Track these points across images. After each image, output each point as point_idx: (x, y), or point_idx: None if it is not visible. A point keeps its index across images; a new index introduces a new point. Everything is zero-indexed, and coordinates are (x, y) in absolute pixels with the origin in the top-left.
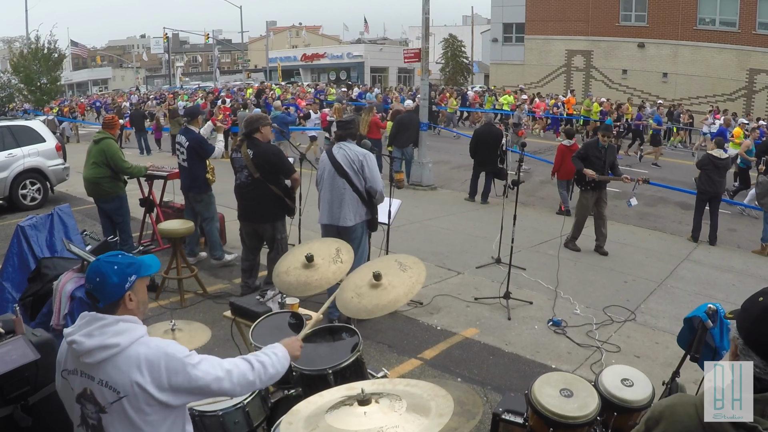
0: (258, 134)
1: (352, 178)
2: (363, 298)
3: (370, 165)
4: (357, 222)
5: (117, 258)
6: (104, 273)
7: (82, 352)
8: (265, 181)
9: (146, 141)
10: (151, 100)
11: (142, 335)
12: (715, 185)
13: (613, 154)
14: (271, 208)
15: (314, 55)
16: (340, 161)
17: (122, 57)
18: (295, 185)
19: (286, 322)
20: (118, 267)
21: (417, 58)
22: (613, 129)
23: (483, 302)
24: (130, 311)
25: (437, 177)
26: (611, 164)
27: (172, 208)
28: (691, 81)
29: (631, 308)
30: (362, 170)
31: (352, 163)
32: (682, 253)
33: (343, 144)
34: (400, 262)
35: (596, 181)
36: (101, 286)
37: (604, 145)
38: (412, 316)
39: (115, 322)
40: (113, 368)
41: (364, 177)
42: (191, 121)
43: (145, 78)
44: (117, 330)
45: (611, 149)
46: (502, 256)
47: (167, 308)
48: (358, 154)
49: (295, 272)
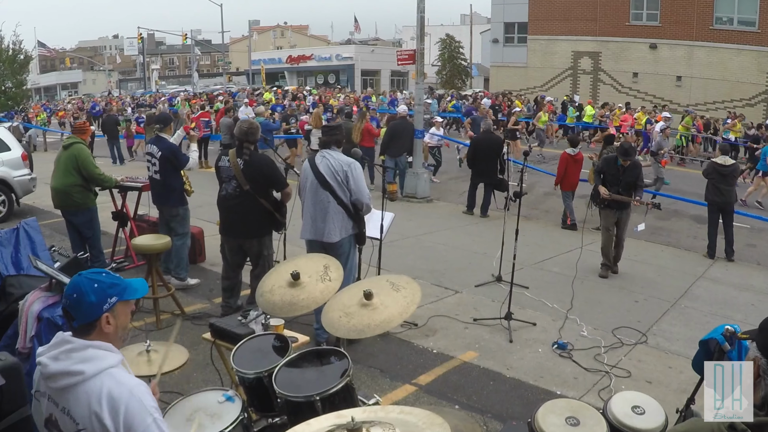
0: (248, 144)
1: (335, 189)
2: (352, 318)
3: (355, 175)
4: (343, 237)
5: (100, 276)
6: (83, 290)
7: (46, 375)
8: (254, 194)
9: (119, 149)
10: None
11: (113, 365)
12: (722, 195)
13: (634, 173)
14: (259, 223)
15: (300, 57)
16: (322, 172)
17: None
18: (285, 199)
19: (270, 345)
20: (98, 285)
21: (411, 60)
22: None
23: (482, 323)
24: (105, 336)
25: (433, 188)
26: (628, 184)
27: (147, 221)
28: (707, 85)
29: (642, 330)
30: (346, 181)
31: (336, 174)
32: (697, 270)
33: (326, 152)
34: (392, 282)
35: (612, 200)
36: (77, 304)
37: (625, 165)
38: (406, 338)
39: (84, 347)
40: (74, 397)
41: (348, 189)
42: (163, 128)
43: (118, 81)
44: (84, 356)
45: (633, 168)
46: (503, 274)
47: (142, 330)
48: (342, 163)
49: (280, 291)
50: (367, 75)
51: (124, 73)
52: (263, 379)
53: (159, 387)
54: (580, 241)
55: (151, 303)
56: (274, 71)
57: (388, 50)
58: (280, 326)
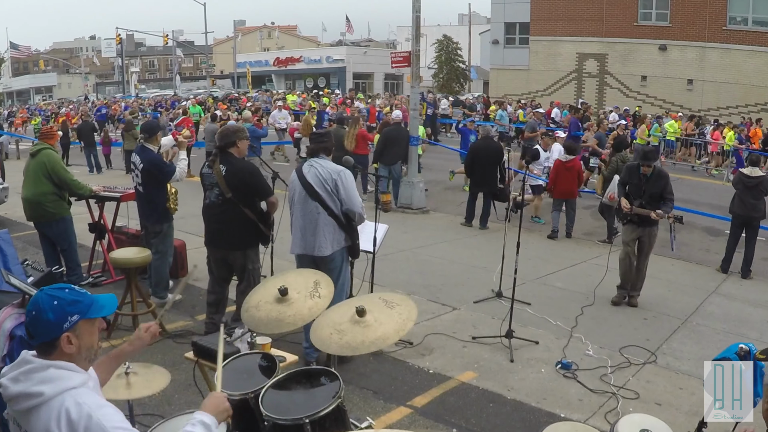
0: (234, 149)
1: (325, 200)
2: (345, 335)
3: (345, 184)
4: (335, 250)
5: (62, 292)
6: (41, 307)
7: (7, 398)
8: (237, 203)
9: (96, 157)
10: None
11: (75, 386)
12: (747, 208)
13: (659, 183)
14: (243, 234)
15: (289, 59)
16: (310, 181)
17: (69, 61)
18: (271, 209)
19: (257, 365)
20: (58, 303)
21: (406, 62)
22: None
23: (482, 342)
24: (68, 356)
25: (429, 198)
26: (653, 196)
27: (126, 234)
28: (719, 89)
29: (651, 349)
30: (336, 190)
31: (325, 183)
32: (709, 285)
33: (314, 161)
34: (385, 299)
35: (633, 213)
36: (35, 321)
37: (646, 173)
38: (400, 357)
39: (44, 367)
40: (35, 420)
41: (339, 198)
42: (149, 138)
43: (95, 85)
44: (44, 377)
45: (657, 178)
46: (504, 290)
47: None
48: (331, 171)
49: (267, 307)
50: (360, 78)
51: (101, 77)
52: (249, 401)
53: (139, 410)
54: (585, 255)
55: (130, 320)
56: (260, 74)
57: (381, 52)
58: (267, 345)
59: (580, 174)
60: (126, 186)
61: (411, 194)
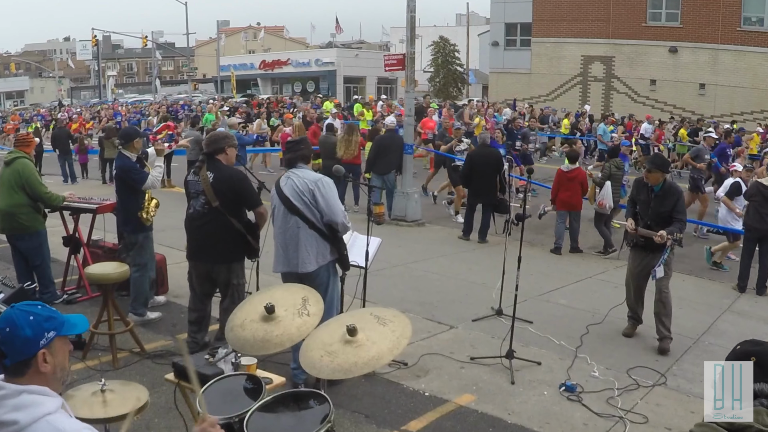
0: (222, 155)
1: (304, 212)
2: (336, 357)
3: (324, 192)
4: (320, 265)
5: (35, 308)
6: (16, 323)
7: None
8: (224, 212)
9: (71, 166)
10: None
11: (51, 411)
12: (763, 221)
13: (667, 201)
14: (229, 246)
15: (275, 62)
16: (287, 195)
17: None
18: (260, 221)
19: (242, 387)
20: (34, 318)
21: (400, 65)
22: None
23: (481, 363)
24: (42, 376)
25: (425, 210)
26: (661, 215)
27: (103, 248)
28: (733, 93)
29: (661, 370)
30: (315, 201)
31: (302, 195)
32: (723, 302)
33: (291, 172)
34: (377, 316)
35: (639, 235)
36: (10, 339)
37: (655, 185)
38: (394, 379)
39: (17, 393)
40: None
41: (318, 209)
42: (125, 145)
43: (69, 90)
44: (17, 403)
45: (667, 194)
46: (504, 307)
47: (96, 370)
48: (308, 181)
49: (253, 326)
50: (351, 82)
51: (76, 80)
52: (233, 425)
53: None
54: (590, 270)
55: (106, 340)
56: (245, 78)
57: (374, 54)
58: (253, 366)
59: (584, 184)
60: (103, 197)
61: (405, 206)
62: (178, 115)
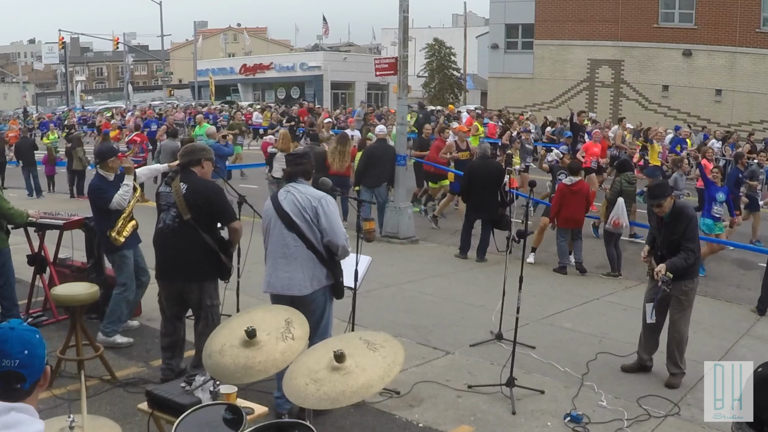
0: (197, 168)
1: (304, 231)
2: (323, 385)
3: (327, 212)
4: (315, 289)
5: (24, 324)
6: (33, 343)
7: None
8: (196, 227)
9: (36, 179)
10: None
11: (41, 431)
12: None
13: (678, 228)
14: (201, 264)
15: (257, 66)
16: (287, 210)
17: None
18: (234, 237)
19: (221, 418)
20: (39, 336)
21: (392, 70)
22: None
23: (479, 391)
24: (36, 396)
25: (419, 226)
26: (671, 243)
27: (71, 267)
28: (752, 100)
29: (674, 399)
30: (317, 219)
31: (303, 211)
32: (740, 326)
33: (291, 186)
34: (366, 340)
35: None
36: (31, 361)
37: (662, 214)
38: (385, 409)
39: (6, 410)
40: None
41: (319, 228)
42: (100, 163)
43: (35, 96)
44: (8, 422)
45: (675, 221)
46: (505, 331)
47: (64, 399)
48: (311, 198)
49: (233, 352)
50: (339, 88)
51: (42, 86)
52: None
53: None
54: (597, 291)
55: (74, 366)
56: (225, 84)
57: (363, 58)
58: (233, 395)
59: (588, 198)
60: (70, 212)
61: (398, 221)
62: (151, 127)
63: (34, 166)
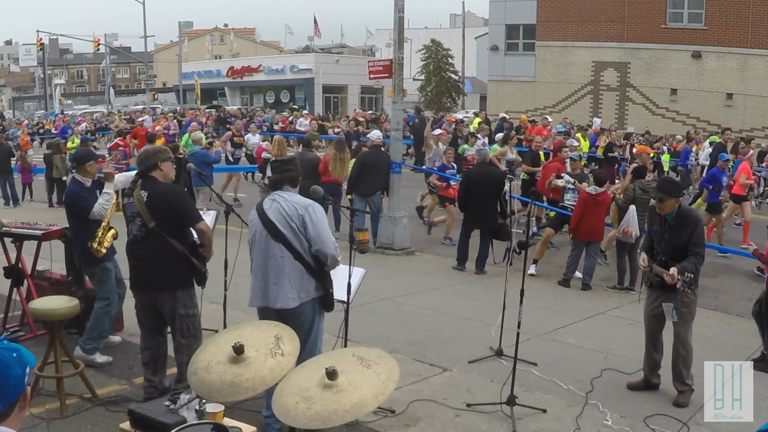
0: (156, 172)
1: (290, 240)
2: (314, 403)
3: (314, 220)
4: (303, 301)
5: (8, 344)
6: (6, 363)
7: None
8: (162, 234)
9: (12, 187)
10: None
11: None
12: None
13: (684, 231)
14: (170, 271)
15: (245, 69)
16: (272, 219)
17: None
18: (203, 239)
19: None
20: (17, 355)
21: (387, 72)
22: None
23: (478, 410)
24: (19, 418)
25: (415, 237)
26: (675, 248)
27: (50, 279)
28: (765, 104)
29: (682, 419)
30: (304, 228)
31: (289, 220)
32: (752, 342)
33: (278, 194)
34: (360, 356)
35: (652, 273)
36: (4, 381)
37: (667, 215)
38: (379, 428)
39: None
40: None
41: (307, 237)
42: (77, 168)
43: (11, 100)
44: None
45: (682, 223)
46: (505, 347)
47: (42, 418)
48: (298, 206)
49: (219, 368)
50: (331, 92)
51: (19, 90)
52: None
53: None
54: (602, 305)
55: (53, 384)
56: (211, 87)
57: (357, 60)
58: (219, 413)
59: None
60: (49, 221)
61: (393, 232)
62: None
63: (11, 173)
